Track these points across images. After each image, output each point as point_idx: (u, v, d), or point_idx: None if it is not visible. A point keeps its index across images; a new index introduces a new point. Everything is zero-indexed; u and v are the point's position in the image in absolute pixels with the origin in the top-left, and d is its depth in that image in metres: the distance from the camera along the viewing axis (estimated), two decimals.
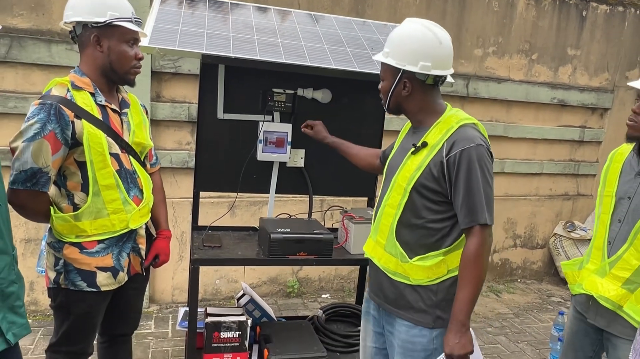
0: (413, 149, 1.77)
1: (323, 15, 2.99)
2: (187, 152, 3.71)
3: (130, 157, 1.99)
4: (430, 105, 1.79)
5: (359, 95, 2.79)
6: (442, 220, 1.73)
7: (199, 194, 2.75)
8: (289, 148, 2.68)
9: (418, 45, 1.70)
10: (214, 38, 2.38)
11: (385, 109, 1.85)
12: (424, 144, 1.74)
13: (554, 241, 5.05)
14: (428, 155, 1.72)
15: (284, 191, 2.87)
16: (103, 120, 1.87)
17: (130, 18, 1.87)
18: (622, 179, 1.88)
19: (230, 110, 2.65)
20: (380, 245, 1.86)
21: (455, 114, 1.78)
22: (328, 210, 3.28)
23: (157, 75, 3.58)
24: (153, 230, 2.20)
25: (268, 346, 2.51)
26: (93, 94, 1.87)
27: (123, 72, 1.91)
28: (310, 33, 2.70)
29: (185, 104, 3.66)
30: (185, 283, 3.70)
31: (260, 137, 2.64)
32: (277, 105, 2.67)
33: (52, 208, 1.85)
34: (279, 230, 2.36)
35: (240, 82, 2.63)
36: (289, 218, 2.74)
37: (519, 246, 5.07)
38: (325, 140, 2.53)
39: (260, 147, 2.65)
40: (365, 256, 1.99)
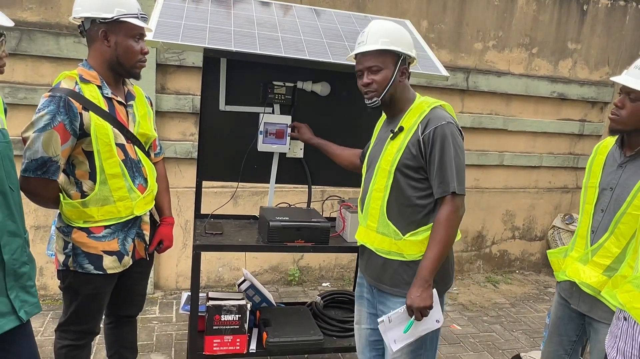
0: (391, 135, 1.91)
1: (324, 10, 3.06)
2: (191, 142, 3.80)
3: (135, 147, 2.08)
4: (410, 93, 1.97)
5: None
6: (426, 197, 1.87)
7: (202, 183, 2.84)
8: (289, 139, 2.77)
9: (408, 36, 1.92)
10: (216, 32, 2.46)
11: (380, 99, 1.91)
12: (401, 129, 1.89)
13: (552, 234, 5.12)
14: (406, 137, 1.86)
15: (284, 181, 2.97)
16: (109, 112, 1.96)
17: (137, 14, 1.96)
18: (605, 171, 1.95)
19: (232, 102, 2.73)
20: (372, 229, 1.96)
21: (426, 100, 1.93)
22: (326, 200, 3.36)
23: (162, 68, 3.66)
24: (157, 217, 2.31)
25: (267, 330, 2.62)
26: (100, 87, 1.96)
27: (129, 66, 2.00)
28: (310, 27, 2.77)
29: (190, 96, 3.75)
30: (189, 270, 3.79)
31: (261, 128, 2.72)
32: (277, 98, 2.75)
33: (61, 195, 1.96)
34: (278, 218, 2.45)
35: (242, 75, 2.71)
36: (289, 207, 2.83)
37: (518, 238, 5.14)
38: (311, 141, 2.67)
39: (261, 138, 2.73)
40: (358, 244, 2.09)
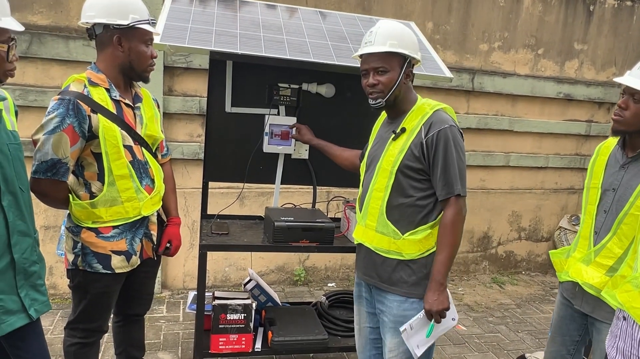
0: (393, 135, 1.92)
1: (329, 12, 3.08)
2: (198, 144, 3.84)
3: (143, 148, 2.12)
4: (412, 94, 1.98)
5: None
6: (426, 197, 1.89)
7: (208, 184, 2.88)
8: (294, 140, 2.80)
9: (414, 38, 1.94)
10: (222, 35, 2.49)
11: (384, 101, 1.92)
12: (403, 130, 1.91)
13: (559, 234, 5.11)
14: (408, 139, 1.88)
15: (289, 182, 3.00)
16: (117, 114, 2.00)
17: (149, 20, 2.00)
18: (607, 171, 1.96)
19: (238, 104, 2.77)
20: (371, 228, 1.98)
21: (427, 102, 1.95)
22: (331, 200, 3.39)
23: (169, 70, 3.71)
24: (164, 217, 2.34)
25: (272, 329, 2.65)
26: (108, 90, 1.99)
27: (141, 70, 2.05)
28: (315, 30, 2.80)
29: (197, 98, 3.79)
30: (196, 269, 3.81)
31: (267, 129, 2.75)
32: (282, 99, 2.78)
33: (70, 195, 2.00)
34: (283, 219, 2.48)
35: (247, 77, 2.74)
36: (294, 207, 2.86)
37: (524, 239, 5.14)
38: (311, 142, 2.69)
39: (266, 139, 2.76)
40: (356, 243, 2.11)
